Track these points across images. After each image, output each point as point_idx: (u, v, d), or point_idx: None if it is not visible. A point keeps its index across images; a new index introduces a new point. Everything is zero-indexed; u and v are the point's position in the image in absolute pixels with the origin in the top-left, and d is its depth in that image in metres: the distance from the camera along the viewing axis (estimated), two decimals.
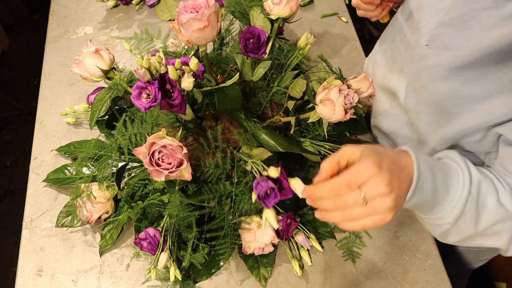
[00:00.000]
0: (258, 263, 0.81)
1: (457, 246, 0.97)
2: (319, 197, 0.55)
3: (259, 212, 0.82)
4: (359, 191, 0.51)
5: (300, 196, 0.69)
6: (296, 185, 0.70)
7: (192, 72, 0.67)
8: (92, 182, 0.83)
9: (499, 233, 0.61)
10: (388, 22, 0.86)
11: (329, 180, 0.53)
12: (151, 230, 0.75)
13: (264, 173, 0.70)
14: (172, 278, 0.75)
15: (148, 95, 0.67)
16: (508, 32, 0.53)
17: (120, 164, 0.82)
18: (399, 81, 0.78)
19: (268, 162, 0.76)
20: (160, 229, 0.77)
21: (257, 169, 0.72)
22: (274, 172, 0.69)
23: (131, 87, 0.70)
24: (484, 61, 0.57)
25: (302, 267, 0.81)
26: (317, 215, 0.56)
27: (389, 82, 0.81)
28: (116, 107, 0.89)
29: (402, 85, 0.77)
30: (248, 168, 0.76)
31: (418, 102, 0.73)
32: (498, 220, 0.59)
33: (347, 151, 0.55)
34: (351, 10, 0.93)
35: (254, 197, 0.70)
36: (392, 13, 0.86)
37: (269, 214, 0.70)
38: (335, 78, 0.74)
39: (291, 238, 0.83)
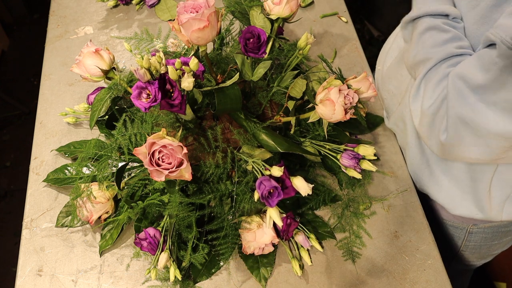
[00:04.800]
0: (258, 263, 0.81)
1: (470, 241, 0.97)
2: None
3: (259, 212, 0.82)
4: None
5: (304, 194, 0.69)
6: (299, 184, 0.70)
7: (192, 72, 0.67)
8: (92, 182, 0.83)
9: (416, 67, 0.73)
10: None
11: None
12: (151, 230, 0.75)
13: (267, 172, 0.71)
14: (172, 278, 0.75)
15: (148, 95, 0.67)
16: None
17: (120, 164, 0.82)
18: None
19: (269, 162, 0.76)
20: (160, 229, 0.77)
21: (258, 168, 0.72)
22: (277, 171, 0.69)
23: (131, 87, 0.70)
24: None
25: (302, 267, 0.81)
26: None
27: None
28: (116, 107, 0.89)
29: None
30: (249, 168, 0.76)
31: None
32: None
33: None
34: (351, 10, 0.93)
35: (256, 196, 0.70)
36: None
37: (273, 213, 0.70)
38: (335, 78, 0.74)
39: (291, 238, 0.83)
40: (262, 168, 0.72)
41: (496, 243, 0.97)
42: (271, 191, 0.68)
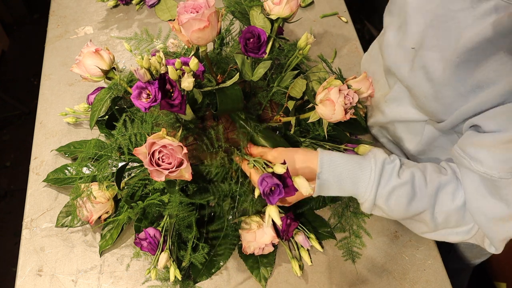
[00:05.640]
0: (258, 263, 0.81)
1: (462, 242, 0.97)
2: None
3: (259, 213, 0.82)
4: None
5: (305, 194, 0.69)
6: (301, 183, 0.70)
7: (192, 72, 0.67)
8: (92, 182, 0.83)
9: (422, 220, 0.69)
10: None
11: None
12: (151, 230, 0.75)
13: (269, 169, 0.70)
14: (172, 278, 0.75)
15: (148, 95, 0.67)
16: (479, 30, 0.57)
17: (120, 164, 0.82)
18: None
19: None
20: (160, 229, 0.77)
21: (260, 168, 0.72)
22: (280, 168, 0.69)
23: (131, 87, 0.70)
24: (462, 59, 0.60)
25: (302, 267, 0.81)
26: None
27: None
28: (116, 107, 0.89)
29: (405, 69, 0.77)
30: (250, 167, 0.76)
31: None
32: (413, 215, 0.68)
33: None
34: (351, 10, 0.93)
35: (257, 192, 0.70)
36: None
37: (272, 211, 0.70)
38: (335, 78, 0.74)
39: (291, 238, 0.83)
40: (263, 168, 0.72)
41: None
42: (273, 188, 0.68)
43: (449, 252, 1.04)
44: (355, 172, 0.68)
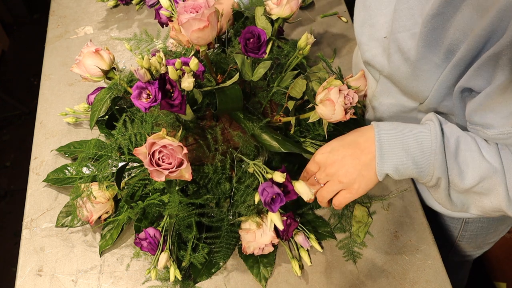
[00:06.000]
0: (258, 263, 0.81)
1: (466, 231, 0.97)
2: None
3: (259, 212, 0.82)
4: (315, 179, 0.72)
5: (306, 200, 0.69)
6: (301, 188, 0.70)
7: (192, 72, 0.67)
8: (92, 182, 0.83)
9: (492, 190, 0.64)
10: None
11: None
12: (151, 230, 0.75)
13: (268, 176, 0.70)
14: (172, 278, 0.75)
15: (148, 95, 0.67)
16: None
17: (120, 164, 0.82)
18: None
19: (269, 163, 0.76)
20: (160, 229, 0.77)
21: (259, 171, 0.72)
22: (279, 177, 0.69)
23: (131, 87, 0.70)
24: (429, 28, 0.61)
25: (302, 267, 0.81)
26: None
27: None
28: (116, 107, 0.89)
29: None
30: (250, 170, 0.76)
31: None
32: (482, 176, 0.63)
33: (309, 163, 0.74)
34: (351, 10, 0.93)
35: (257, 198, 0.70)
36: None
37: (274, 217, 0.70)
38: (335, 78, 0.74)
39: (291, 238, 0.83)
40: (264, 172, 0.72)
41: (492, 231, 0.97)
42: (274, 197, 0.68)
43: (452, 247, 1.03)
44: (414, 127, 0.66)
